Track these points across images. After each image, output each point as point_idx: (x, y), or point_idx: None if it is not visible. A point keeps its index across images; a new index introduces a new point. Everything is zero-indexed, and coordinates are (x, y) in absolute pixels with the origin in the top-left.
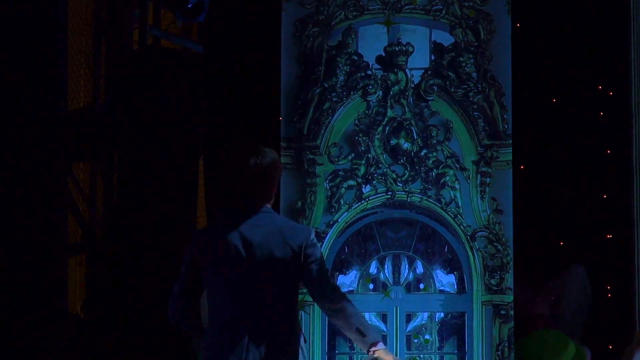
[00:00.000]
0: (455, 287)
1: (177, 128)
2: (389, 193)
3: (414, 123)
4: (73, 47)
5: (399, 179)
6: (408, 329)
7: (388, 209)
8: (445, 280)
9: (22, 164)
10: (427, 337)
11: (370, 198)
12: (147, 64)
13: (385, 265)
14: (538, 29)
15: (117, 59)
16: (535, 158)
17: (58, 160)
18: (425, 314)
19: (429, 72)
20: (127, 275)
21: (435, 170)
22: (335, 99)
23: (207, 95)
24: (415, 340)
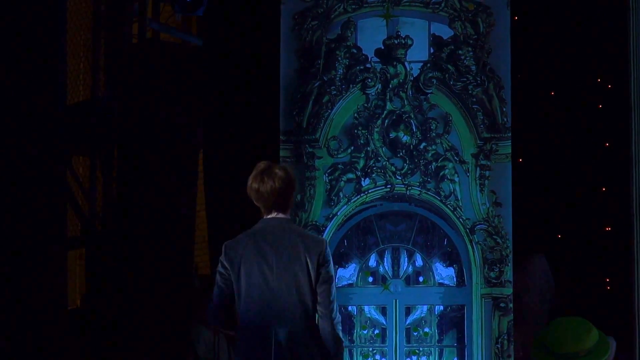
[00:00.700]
0: (455, 280)
1: (176, 122)
2: (388, 186)
3: (413, 116)
4: (72, 41)
5: (398, 172)
6: (407, 322)
7: (387, 202)
8: (445, 273)
9: (21, 158)
10: (426, 330)
11: (370, 191)
12: (146, 58)
13: (385, 258)
14: (537, 22)
15: (116, 53)
16: (535, 151)
17: (57, 154)
18: (425, 307)
19: (428, 65)
20: (126, 269)
21: (435, 163)
22: (335, 92)
23: (206, 89)
24: (415, 333)
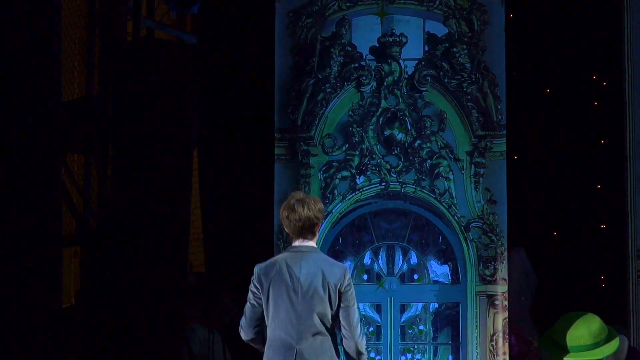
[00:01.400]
0: (449, 277)
1: (171, 119)
2: (383, 184)
3: (408, 114)
4: (67, 38)
5: (393, 170)
6: (402, 320)
7: (382, 200)
8: (440, 271)
9: (16, 156)
10: (421, 327)
11: (364, 189)
12: (141, 56)
13: (380, 256)
14: (532, 20)
15: (111, 51)
16: (529, 148)
17: (52, 152)
18: (420, 305)
19: (423, 62)
20: (121, 267)
21: (429, 161)
22: (329, 90)
23: (201, 87)
24: (410, 331)
